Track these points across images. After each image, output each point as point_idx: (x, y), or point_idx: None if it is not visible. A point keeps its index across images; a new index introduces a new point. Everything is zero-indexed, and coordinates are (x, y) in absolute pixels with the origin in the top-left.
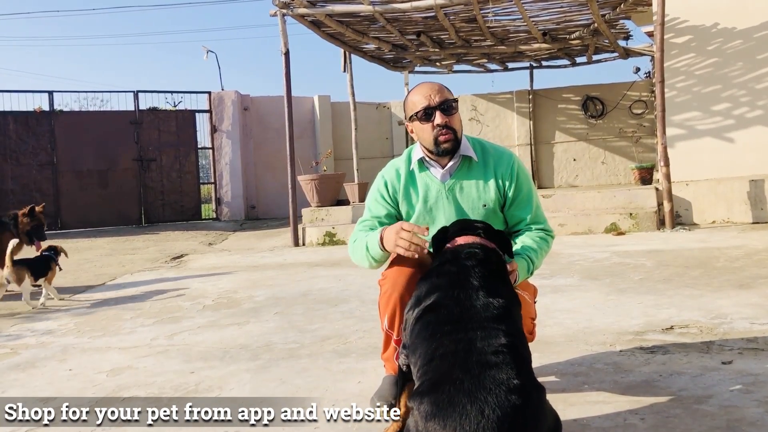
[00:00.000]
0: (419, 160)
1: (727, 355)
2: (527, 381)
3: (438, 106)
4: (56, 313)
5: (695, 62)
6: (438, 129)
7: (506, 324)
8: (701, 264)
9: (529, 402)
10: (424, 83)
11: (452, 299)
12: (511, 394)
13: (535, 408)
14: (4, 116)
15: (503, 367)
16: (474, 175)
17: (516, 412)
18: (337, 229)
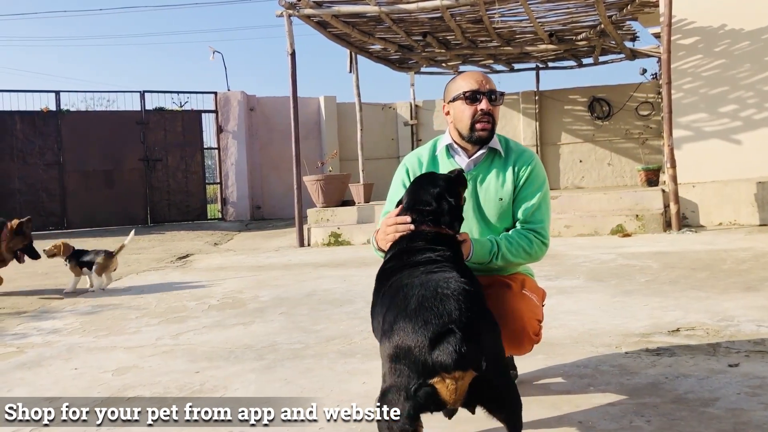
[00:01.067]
0: (446, 146)
1: (734, 358)
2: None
3: (487, 93)
4: (62, 312)
5: (702, 64)
6: (480, 114)
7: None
8: (708, 266)
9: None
10: (473, 71)
11: (401, 266)
12: (459, 282)
13: (483, 299)
14: (11, 116)
15: (447, 270)
16: (495, 168)
17: (468, 289)
18: (343, 230)
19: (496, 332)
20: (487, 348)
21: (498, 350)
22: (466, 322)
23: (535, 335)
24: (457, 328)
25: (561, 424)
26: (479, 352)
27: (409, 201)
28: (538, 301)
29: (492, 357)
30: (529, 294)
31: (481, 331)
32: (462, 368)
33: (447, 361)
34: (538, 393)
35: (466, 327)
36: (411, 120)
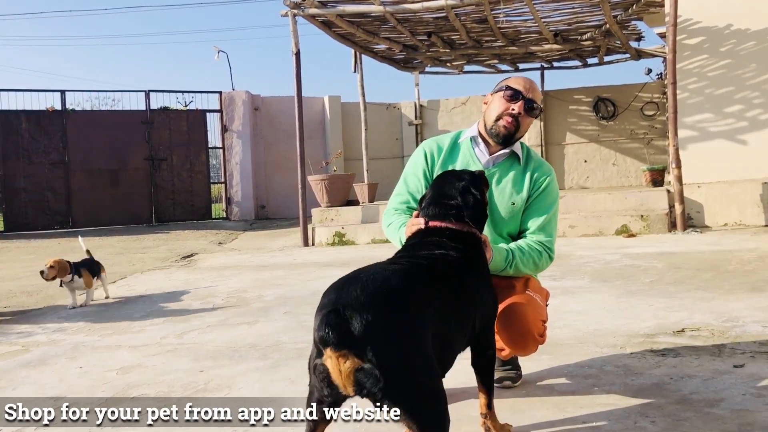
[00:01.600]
0: (471, 137)
1: (739, 359)
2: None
3: (525, 98)
4: (67, 311)
5: (708, 64)
6: (509, 112)
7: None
8: (713, 267)
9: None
10: (526, 77)
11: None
12: (388, 271)
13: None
14: (16, 115)
15: (420, 263)
16: (513, 172)
17: (386, 278)
18: (347, 230)
19: (395, 330)
20: (375, 338)
21: (395, 348)
22: (354, 305)
23: (540, 336)
24: (342, 308)
25: (565, 424)
26: (359, 336)
27: (434, 194)
28: (542, 302)
29: (381, 350)
30: (533, 294)
31: (375, 322)
32: (335, 346)
33: (323, 335)
34: (542, 393)
35: (352, 309)
36: (415, 120)
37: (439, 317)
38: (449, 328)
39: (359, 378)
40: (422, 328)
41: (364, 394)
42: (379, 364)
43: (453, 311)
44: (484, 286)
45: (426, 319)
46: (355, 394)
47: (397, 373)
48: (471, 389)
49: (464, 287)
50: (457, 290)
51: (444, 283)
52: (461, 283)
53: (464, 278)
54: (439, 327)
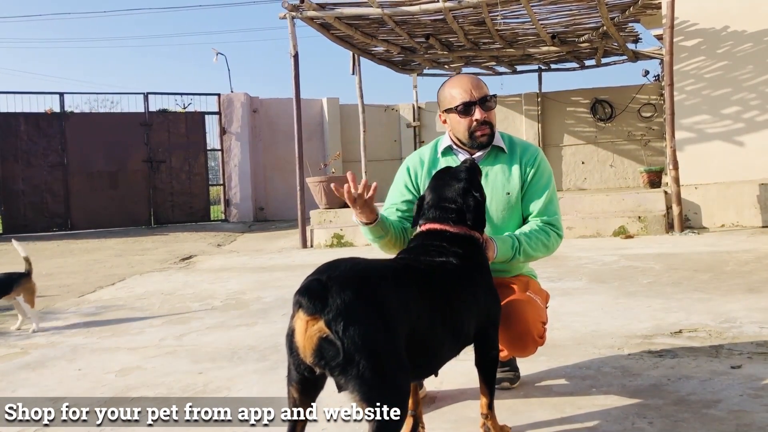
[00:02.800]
0: (447, 147)
1: (737, 360)
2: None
3: (478, 102)
4: (66, 313)
5: (705, 65)
6: (476, 124)
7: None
8: (710, 268)
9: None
10: (462, 76)
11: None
12: (371, 261)
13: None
14: (15, 117)
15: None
16: (501, 164)
17: (363, 266)
18: (345, 231)
19: (368, 313)
20: (347, 313)
21: (363, 328)
22: (338, 279)
23: (540, 338)
24: (327, 278)
25: (563, 425)
26: (332, 306)
27: (433, 198)
28: (542, 303)
29: (349, 325)
30: (533, 296)
31: (352, 298)
32: (307, 309)
33: (299, 298)
34: (540, 395)
35: (335, 281)
36: (414, 122)
37: (425, 321)
38: (434, 334)
39: (322, 345)
40: (397, 324)
41: (323, 365)
42: (342, 338)
43: (442, 318)
44: (483, 289)
45: (403, 317)
46: (314, 362)
47: (358, 354)
48: (470, 390)
49: (459, 294)
50: (450, 298)
51: (437, 290)
52: (456, 291)
53: (460, 285)
54: (424, 331)
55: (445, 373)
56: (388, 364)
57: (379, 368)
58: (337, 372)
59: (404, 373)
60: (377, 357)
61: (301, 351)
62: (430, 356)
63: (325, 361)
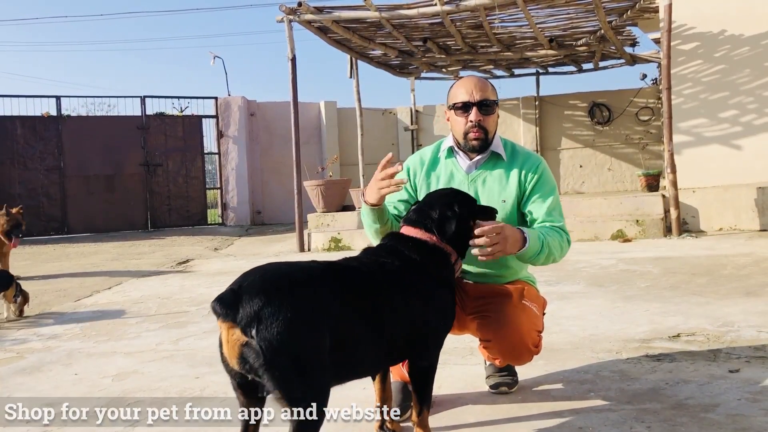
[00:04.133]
0: (449, 148)
1: (735, 364)
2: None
3: (476, 103)
4: (62, 317)
5: (702, 69)
6: (470, 125)
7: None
8: (708, 271)
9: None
10: (472, 77)
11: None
12: (293, 265)
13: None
14: (11, 121)
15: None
16: (499, 171)
17: (285, 272)
18: (343, 235)
19: (280, 314)
20: (260, 318)
21: (277, 330)
22: (249, 287)
23: (535, 347)
24: (239, 288)
25: (561, 429)
26: (245, 313)
27: (420, 203)
28: (539, 311)
29: (264, 329)
30: (529, 304)
31: (262, 303)
32: (221, 316)
33: (213, 307)
34: (538, 399)
35: (246, 290)
36: (411, 125)
37: (345, 322)
38: (355, 335)
39: (245, 352)
40: (312, 325)
41: (247, 369)
42: (259, 341)
43: (365, 317)
44: (424, 298)
45: (320, 318)
46: (239, 368)
47: (275, 356)
48: (468, 395)
49: (389, 298)
50: (377, 298)
51: (363, 288)
52: (387, 294)
53: (394, 289)
54: (344, 331)
55: (443, 378)
56: (305, 364)
57: (296, 369)
58: (260, 374)
59: (323, 373)
60: (293, 358)
61: (228, 360)
62: (353, 357)
63: (249, 366)
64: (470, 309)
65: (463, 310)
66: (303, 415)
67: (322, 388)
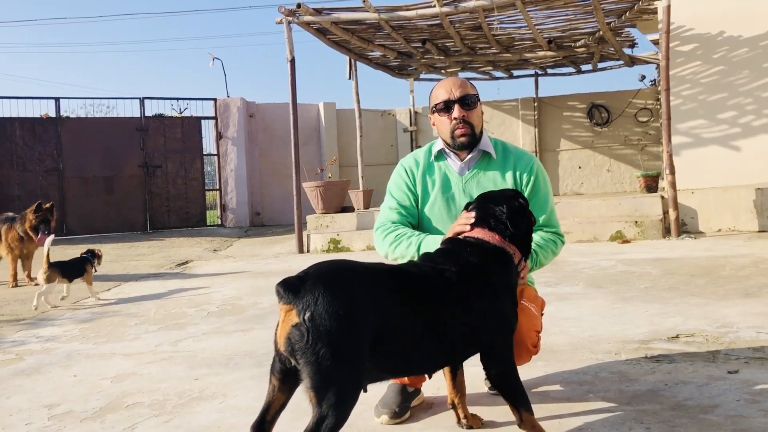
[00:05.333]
0: (439, 151)
1: (733, 365)
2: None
3: (457, 100)
4: (61, 319)
5: (701, 70)
6: (455, 122)
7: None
8: (707, 272)
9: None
10: (449, 78)
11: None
12: (353, 263)
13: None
14: (10, 122)
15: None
16: (492, 169)
17: (342, 268)
18: (342, 236)
19: (333, 307)
20: (315, 305)
21: (323, 321)
22: (312, 275)
23: (533, 347)
24: (305, 274)
25: (560, 430)
26: (305, 300)
27: (480, 202)
28: (537, 311)
29: (315, 315)
30: (528, 304)
31: (321, 293)
32: (283, 299)
33: (277, 290)
34: (537, 400)
35: (309, 276)
36: (410, 126)
37: (398, 323)
38: (409, 338)
39: (292, 333)
40: (361, 321)
41: (290, 351)
42: (308, 325)
43: (419, 318)
44: (489, 301)
45: (371, 316)
46: (284, 348)
47: (319, 340)
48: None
49: (451, 302)
50: (433, 301)
51: (420, 291)
52: (448, 299)
53: (455, 294)
54: (396, 332)
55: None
56: (343, 357)
57: (333, 360)
58: (298, 356)
59: (356, 371)
60: (332, 347)
61: (277, 339)
62: (403, 355)
63: (292, 347)
64: None
65: None
66: (325, 412)
67: (350, 384)
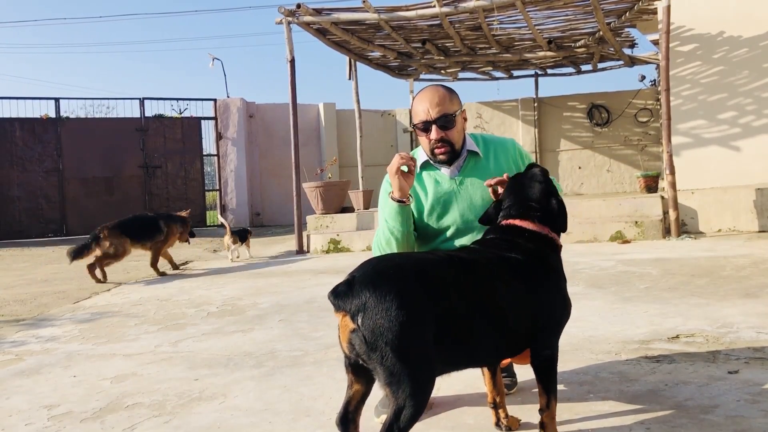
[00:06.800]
0: (425, 161)
1: (734, 365)
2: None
3: (434, 121)
4: (61, 319)
5: (701, 70)
6: (434, 142)
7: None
8: (707, 273)
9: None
10: (426, 91)
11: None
12: (405, 257)
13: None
14: (10, 123)
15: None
16: (481, 167)
17: (399, 263)
18: (342, 237)
19: (384, 305)
20: (365, 308)
21: (380, 319)
22: (360, 279)
23: None
24: (353, 278)
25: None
26: (354, 305)
27: (515, 197)
28: None
29: (367, 318)
30: None
31: (369, 294)
32: (335, 307)
33: (329, 297)
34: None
35: (356, 280)
36: (410, 127)
37: (458, 313)
38: (470, 326)
39: (352, 338)
40: (417, 315)
41: (355, 354)
42: (363, 329)
43: (481, 308)
44: (546, 289)
45: (428, 309)
46: (348, 352)
47: (378, 342)
48: (467, 396)
49: (511, 290)
50: (498, 292)
51: (482, 283)
52: (509, 286)
53: (516, 281)
54: (455, 319)
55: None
56: (404, 354)
57: (396, 357)
58: (364, 358)
59: (424, 363)
60: (393, 347)
61: (342, 343)
62: (467, 346)
63: (356, 351)
64: None
65: None
66: (401, 404)
67: (423, 377)
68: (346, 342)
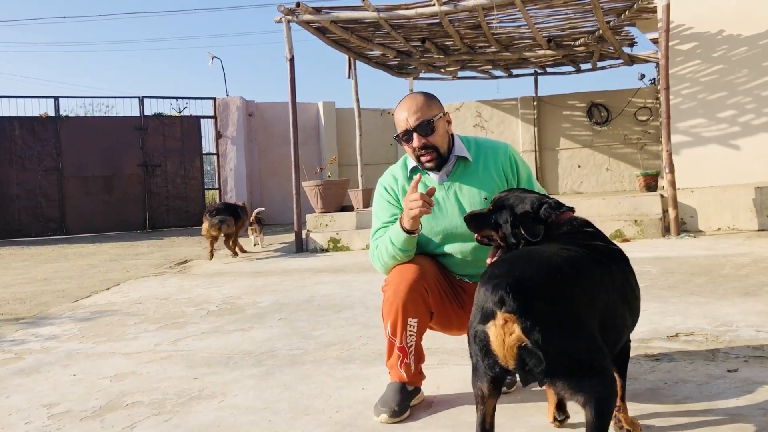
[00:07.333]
0: (414, 167)
1: (733, 363)
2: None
3: (414, 129)
4: (60, 318)
5: (700, 69)
6: (417, 149)
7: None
8: (706, 271)
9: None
10: (405, 99)
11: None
12: (558, 255)
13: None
14: (9, 122)
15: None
16: (471, 171)
17: (556, 264)
18: (342, 235)
19: (564, 317)
20: (546, 322)
21: (561, 335)
22: (531, 283)
23: None
24: (519, 280)
25: (560, 429)
26: (528, 309)
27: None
28: None
29: (549, 335)
30: None
31: (549, 306)
32: (511, 309)
33: (502, 296)
34: (537, 399)
35: (529, 285)
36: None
37: (610, 306)
38: (618, 316)
39: (522, 355)
40: (588, 313)
41: (525, 370)
42: (544, 348)
43: (622, 299)
44: (635, 284)
45: (593, 310)
46: (515, 368)
47: (561, 359)
48: (466, 395)
49: (627, 280)
50: (620, 280)
51: (610, 273)
52: (622, 275)
53: (626, 272)
54: (610, 315)
55: (441, 378)
56: (588, 357)
57: (582, 365)
58: (541, 377)
59: (604, 356)
60: (577, 357)
61: (501, 358)
62: (616, 337)
63: (529, 368)
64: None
65: (464, 309)
66: (595, 399)
67: (608, 371)
68: (512, 359)
